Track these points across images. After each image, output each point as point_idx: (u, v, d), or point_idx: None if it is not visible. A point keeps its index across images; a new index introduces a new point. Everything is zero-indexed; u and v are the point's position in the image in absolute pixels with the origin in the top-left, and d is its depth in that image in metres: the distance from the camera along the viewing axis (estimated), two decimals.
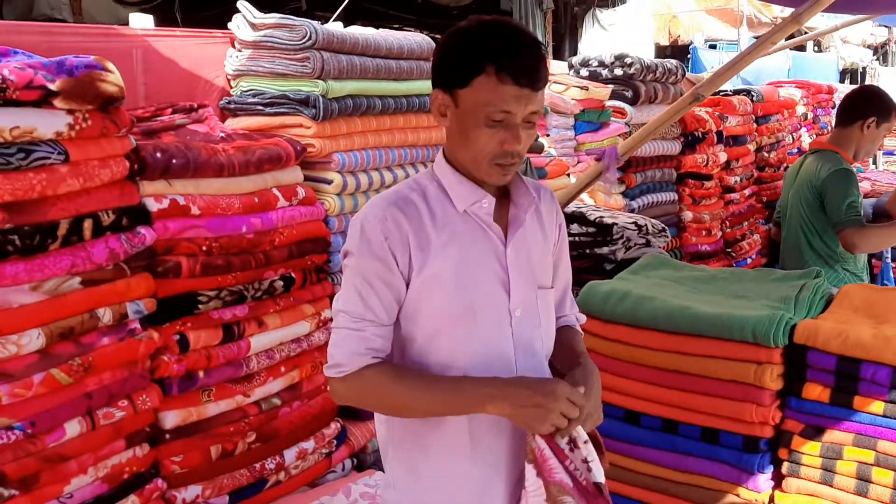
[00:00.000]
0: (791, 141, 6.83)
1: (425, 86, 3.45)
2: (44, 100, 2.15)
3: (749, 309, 2.63)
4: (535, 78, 1.55)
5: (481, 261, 1.65)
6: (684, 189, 5.39)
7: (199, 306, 2.57)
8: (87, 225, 2.28)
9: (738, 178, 5.86)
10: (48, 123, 2.17)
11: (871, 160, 9.25)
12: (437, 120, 1.66)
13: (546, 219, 1.78)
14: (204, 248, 2.58)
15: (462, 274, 1.62)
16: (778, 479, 2.59)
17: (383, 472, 2.97)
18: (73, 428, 2.25)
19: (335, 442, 3.06)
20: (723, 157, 5.60)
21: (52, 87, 2.15)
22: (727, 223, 5.77)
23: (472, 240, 1.64)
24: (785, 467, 2.55)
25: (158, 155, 2.49)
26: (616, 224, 3.46)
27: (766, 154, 6.34)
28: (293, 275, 2.88)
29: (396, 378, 1.59)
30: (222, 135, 2.92)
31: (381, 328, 1.62)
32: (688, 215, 5.38)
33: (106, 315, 2.32)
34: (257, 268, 2.74)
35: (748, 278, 3.01)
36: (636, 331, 2.75)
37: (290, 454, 2.86)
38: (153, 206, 2.47)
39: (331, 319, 3.03)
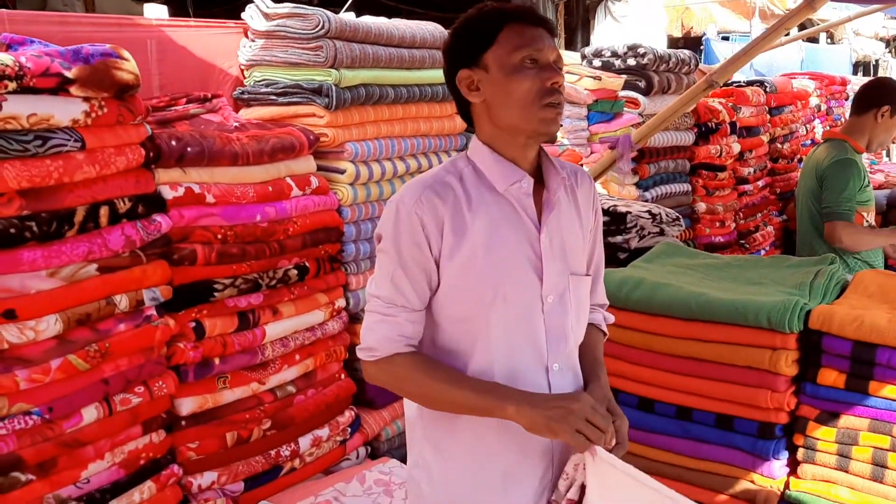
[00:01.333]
0: (804, 132, 6.79)
1: (438, 75, 3.45)
2: (60, 87, 2.16)
3: (764, 295, 2.62)
4: (548, 24, 1.63)
5: (515, 246, 1.64)
6: (698, 180, 5.37)
7: (215, 294, 2.58)
8: (104, 212, 2.30)
9: (751, 170, 5.83)
10: (65, 111, 2.18)
11: (884, 152, 9.18)
12: (471, 97, 1.65)
13: (583, 203, 1.77)
14: (219, 236, 2.59)
15: (495, 259, 1.61)
16: (793, 466, 2.59)
17: (397, 459, 3.00)
18: (89, 414, 2.27)
19: (349, 430, 3.07)
20: (736, 148, 5.57)
21: (69, 74, 2.16)
22: (740, 214, 5.75)
23: (506, 224, 1.63)
24: (800, 453, 2.55)
25: (173, 143, 2.50)
26: (630, 213, 3.45)
27: (779, 145, 6.31)
28: (307, 264, 2.89)
29: (426, 370, 1.61)
30: (236, 124, 2.93)
31: (413, 314, 1.63)
32: (701, 206, 5.35)
33: (122, 302, 2.34)
34: (272, 256, 2.75)
35: (763, 265, 3.00)
36: (651, 318, 2.74)
37: (304, 441, 2.88)
38: (168, 193, 2.48)
39: (344, 309, 3.09)
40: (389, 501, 2.75)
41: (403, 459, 2.07)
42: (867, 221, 3.52)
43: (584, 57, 5.23)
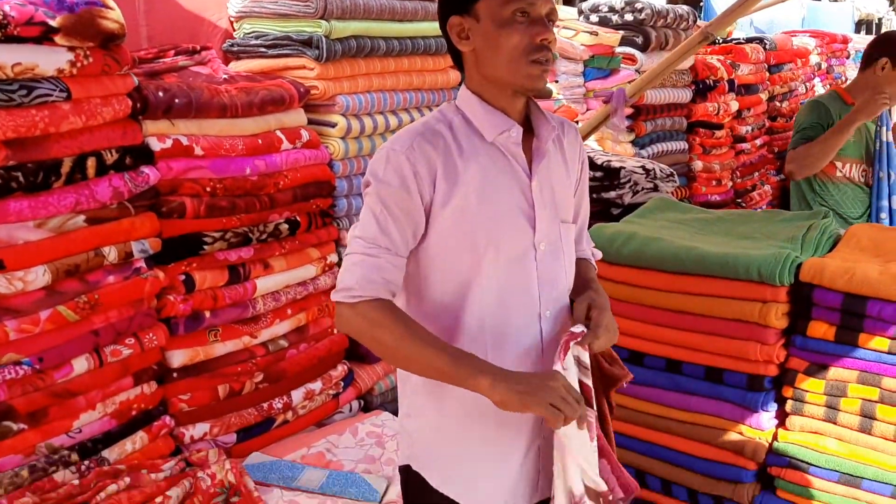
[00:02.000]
0: (804, 91, 6.74)
1: (431, 27, 3.40)
2: (45, 36, 2.13)
3: (755, 249, 2.61)
4: None
5: (507, 194, 1.63)
6: (695, 138, 5.34)
7: (205, 247, 2.57)
8: (91, 163, 2.28)
9: (749, 128, 5.79)
10: (49, 60, 2.16)
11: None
12: (461, 45, 1.62)
13: (569, 154, 1.76)
14: (208, 189, 2.57)
15: (488, 207, 1.60)
16: (781, 418, 2.60)
17: (390, 413, 3.02)
18: (80, 364, 2.28)
19: (342, 384, 3.09)
20: (734, 106, 5.53)
21: (53, 23, 2.13)
22: (737, 173, 5.73)
23: (498, 173, 1.62)
24: (789, 405, 2.56)
25: (161, 94, 2.48)
26: (624, 168, 3.43)
27: (778, 103, 6.27)
28: (298, 218, 2.88)
29: (406, 323, 1.56)
30: (225, 76, 2.90)
31: (397, 258, 1.59)
32: (698, 165, 5.33)
33: (111, 253, 2.33)
34: (262, 210, 2.73)
35: (755, 219, 2.99)
36: (642, 272, 2.74)
37: (297, 395, 2.89)
38: (156, 145, 2.46)
39: (337, 264, 3.09)
40: (381, 453, 2.77)
41: (396, 413, 2.08)
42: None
43: (581, 12, 5.17)
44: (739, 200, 5.74)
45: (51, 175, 2.19)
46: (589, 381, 1.64)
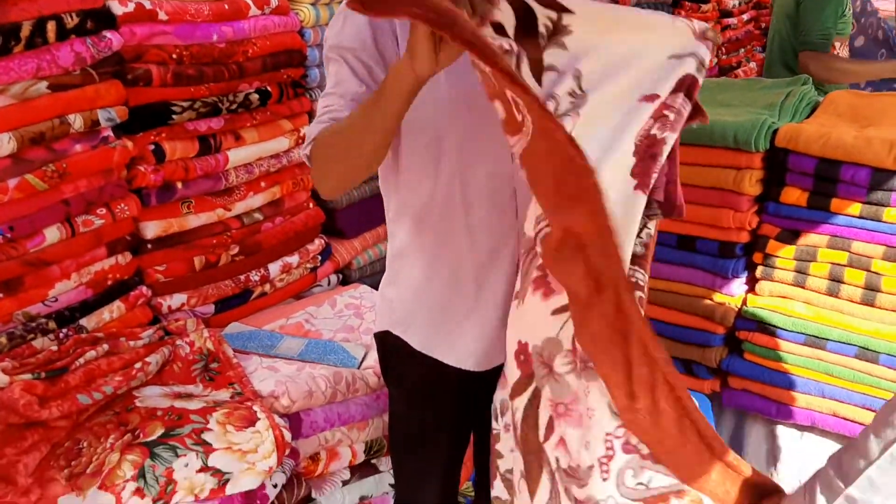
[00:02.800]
0: None
1: None
2: None
3: (732, 115, 2.59)
4: None
5: None
6: (680, 12, 5.20)
7: (173, 116, 2.52)
8: (51, 27, 2.20)
9: (736, 2, 5.65)
10: None
11: None
12: None
13: None
14: (174, 56, 2.50)
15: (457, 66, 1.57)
16: (751, 284, 2.65)
17: (368, 286, 3.05)
18: (52, 234, 2.26)
19: (320, 258, 3.10)
20: None
21: None
22: (723, 50, 5.62)
23: None
24: (759, 271, 2.60)
25: None
26: None
27: None
28: (269, 88, 2.81)
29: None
30: None
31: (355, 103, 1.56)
32: None
33: (77, 121, 2.28)
34: (231, 79, 2.67)
35: (735, 88, 2.96)
36: None
37: (274, 267, 2.90)
38: (118, 9, 2.37)
39: None
40: (360, 323, 2.82)
41: (375, 287, 2.12)
42: (838, 53, 3.44)
43: None
44: (724, 77, 5.66)
45: (10, 39, 2.11)
46: None
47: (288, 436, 2.12)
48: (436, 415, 1.88)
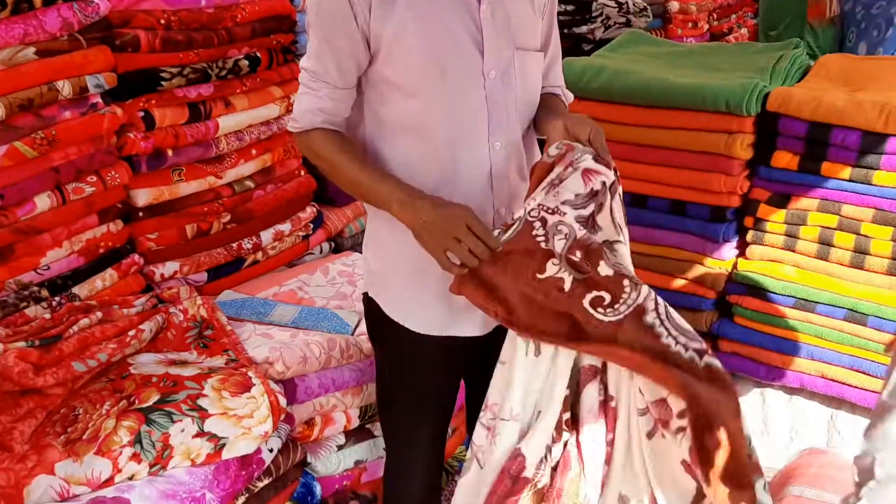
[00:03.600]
0: None
1: None
2: None
3: (724, 79, 2.59)
4: None
5: (452, 18, 1.57)
6: None
7: (162, 83, 2.50)
8: None
9: None
10: None
11: None
12: None
13: None
14: (162, 21, 2.47)
15: (431, 32, 1.56)
16: (742, 248, 2.67)
17: (361, 254, 3.05)
18: (42, 202, 2.25)
19: (311, 226, 3.10)
20: None
21: None
22: (714, 15, 5.59)
23: None
24: (749, 235, 2.62)
25: None
26: (595, 1, 3.33)
27: None
28: (258, 54, 2.79)
29: (339, 148, 1.64)
30: None
31: (336, 91, 1.63)
32: (674, 6, 5.18)
33: (65, 88, 2.26)
34: (220, 45, 2.64)
35: (728, 52, 2.96)
36: (611, 106, 2.72)
37: (266, 235, 2.90)
38: None
39: None
40: (353, 290, 2.82)
41: None
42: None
43: None
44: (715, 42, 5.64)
45: None
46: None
47: (283, 401, 2.13)
48: (416, 377, 1.87)
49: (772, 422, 2.73)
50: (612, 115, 2.70)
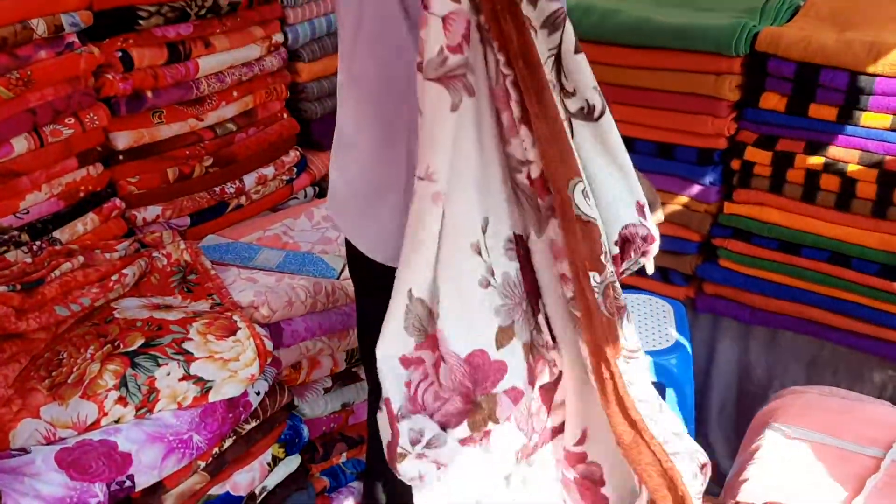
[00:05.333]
0: None
1: None
2: None
3: (713, 19, 2.55)
4: None
5: None
6: None
7: (140, 22, 2.43)
8: None
9: None
10: None
11: None
12: None
13: None
14: None
15: None
16: (728, 191, 2.66)
17: None
18: (20, 144, 2.20)
19: (295, 170, 3.06)
20: None
21: None
22: None
23: None
24: (736, 178, 2.61)
25: None
26: None
27: None
28: None
29: None
30: None
31: None
32: None
33: (40, 26, 2.19)
34: None
35: None
36: (598, 47, 2.68)
37: (249, 179, 2.87)
38: None
39: (283, 44, 2.97)
40: (337, 235, 2.80)
41: None
42: None
43: None
44: None
45: None
46: None
47: (269, 344, 2.12)
48: (377, 309, 1.84)
49: (755, 363, 2.76)
50: (600, 56, 2.63)
